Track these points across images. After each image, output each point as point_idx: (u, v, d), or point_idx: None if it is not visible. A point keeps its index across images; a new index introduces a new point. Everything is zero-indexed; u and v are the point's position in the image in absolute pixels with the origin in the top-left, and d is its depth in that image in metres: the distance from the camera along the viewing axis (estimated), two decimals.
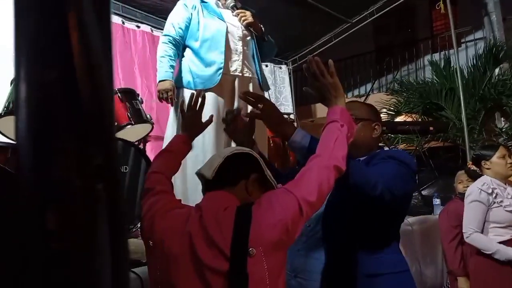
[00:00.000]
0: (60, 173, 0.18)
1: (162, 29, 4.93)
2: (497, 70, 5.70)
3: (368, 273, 1.24)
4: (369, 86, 7.92)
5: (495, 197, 2.25)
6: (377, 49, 8.59)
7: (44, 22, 0.18)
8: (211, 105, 2.18)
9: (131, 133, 2.76)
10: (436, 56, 7.10)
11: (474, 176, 2.57)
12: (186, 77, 2.35)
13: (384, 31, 8.54)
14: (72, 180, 0.18)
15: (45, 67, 0.18)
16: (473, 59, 6.02)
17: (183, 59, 2.42)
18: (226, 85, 2.33)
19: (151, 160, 2.75)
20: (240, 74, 2.38)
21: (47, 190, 0.18)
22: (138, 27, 4.70)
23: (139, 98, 2.84)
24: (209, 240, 0.93)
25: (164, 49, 2.37)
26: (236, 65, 2.37)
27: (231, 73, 2.36)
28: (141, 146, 3.43)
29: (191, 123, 1.40)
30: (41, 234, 0.18)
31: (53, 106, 0.18)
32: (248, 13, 2.37)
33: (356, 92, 8.12)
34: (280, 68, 6.30)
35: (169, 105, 2.40)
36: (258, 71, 2.44)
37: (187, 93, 2.31)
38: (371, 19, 5.66)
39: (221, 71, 2.29)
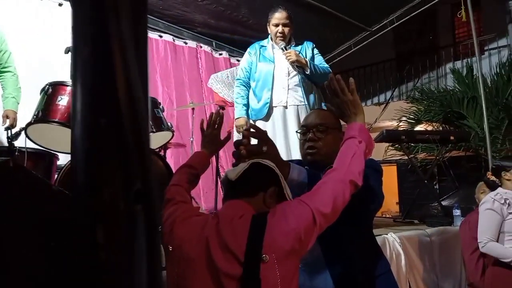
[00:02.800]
0: (108, 198, 0.23)
1: (184, 39, 5.10)
2: None
3: (371, 276, 1.32)
4: (389, 93, 7.86)
5: (508, 207, 2.24)
6: (398, 56, 8.52)
7: (96, 79, 0.23)
8: None
9: (152, 140, 2.84)
10: (458, 64, 7.00)
11: (493, 187, 2.54)
12: (249, 111, 2.97)
13: (405, 38, 8.46)
14: (117, 203, 0.23)
15: (97, 115, 0.23)
16: (496, 67, 5.92)
17: (249, 93, 3.02)
18: (275, 114, 2.88)
19: (171, 167, 2.83)
20: (285, 105, 2.87)
21: (98, 211, 0.23)
22: (161, 36, 4.82)
23: (161, 107, 2.93)
24: (224, 246, 0.97)
25: (238, 92, 3.03)
26: (281, 98, 2.88)
27: (278, 105, 2.88)
28: (161, 152, 3.52)
29: (210, 140, 1.47)
30: (92, 246, 0.23)
31: (102, 146, 0.23)
32: (292, 52, 2.84)
33: (375, 100, 8.07)
34: None
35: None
36: (305, 99, 2.89)
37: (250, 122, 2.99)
38: (391, 27, 5.63)
39: (267, 105, 2.87)
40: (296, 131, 1.56)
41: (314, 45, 3.07)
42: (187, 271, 1.02)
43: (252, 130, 1.25)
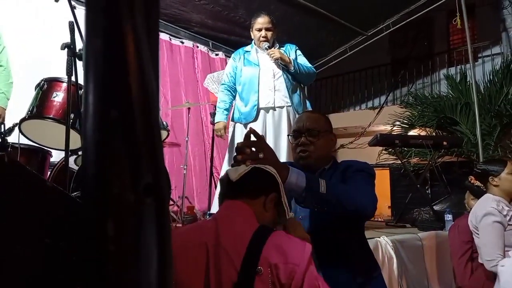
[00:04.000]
0: (118, 191, 0.23)
1: (180, 38, 5.09)
2: None
3: (362, 279, 1.33)
4: (383, 98, 7.91)
5: (510, 219, 2.11)
6: (393, 61, 8.58)
7: (109, 71, 0.23)
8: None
9: None
10: (452, 70, 7.07)
11: (478, 193, 2.43)
12: (236, 114, 3.01)
13: (400, 43, 8.53)
14: (127, 196, 0.23)
15: (109, 106, 0.23)
16: (489, 74, 5.98)
17: (235, 99, 3.08)
18: (266, 118, 2.90)
19: (165, 166, 2.81)
20: (273, 106, 2.89)
21: (108, 204, 0.23)
22: None
23: None
24: (223, 250, 0.97)
25: (221, 97, 3.08)
26: (269, 99, 2.91)
27: (266, 106, 2.90)
28: None
29: None
30: (102, 239, 0.23)
31: (113, 138, 0.23)
32: (276, 50, 2.88)
33: (370, 104, 8.12)
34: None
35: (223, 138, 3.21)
36: (290, 99, 2.90)
37: (237, 126, 3.02)
38: (386, 32, 5.67)
39: (255, 107, 2.88)
40: (288, 135, 1.57)
41: (297, 47, 3.11)
42: (185, 279, 0.99)
43: (251, 136, 1.25)
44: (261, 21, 2.99)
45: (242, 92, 2.97)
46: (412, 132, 6.09)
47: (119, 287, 0.23)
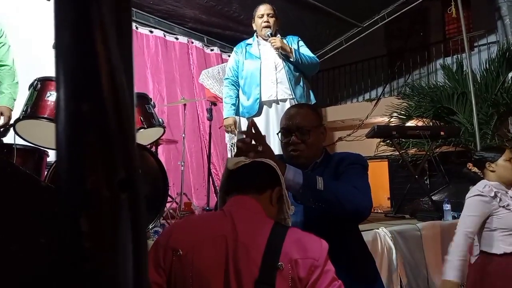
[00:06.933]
0: (92, 186, 0.23)
1: (175, 34, 5.07)
2: (510, 75, 5.62)
3: (358, 275, 1.34)
4: (380, 90, 7.90)
5: (500, 201, 2.12)
6: (389, 53, 8.56)
7: (78, 64, 0.23)
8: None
9: (144, 136, 2.83)
10: (448, 60, 7.05)
11: (474, 179, 2.48)
12: (240, 108, 3.00)
13: (396, 34, 8.51)
14: (101, 191, 0.23)
15: (79, 101, 0.23)
16: (486, 63, 5.96)
17: (238, 93, 3.06)
18: (269, 111, 2.89)
19: (162, 163, 2.82)
20: (275, 99, 2.87)
21: (82, 200, 0.23)
22: (151, 32, 4.78)
23: (152, 103, 2.91)
24: (241, 246, 0.97)
25: (226, 91, 3.04)
26: (271, 92, 2.88)
27: (268, 100, 2.88)
28: (153, 148, 3.50)
29: None
30: (75, 235, 0.23)
31: (86, 133, 0.23)
32: (277, 38, 2.84)
33: (367, 96, 8.11)
34: None
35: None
36: (292, 92, 2.88)
37: (242, 120, 3.02)
38: (382, 23, 5.66)
39: (258, 101, 2.86)
40: (277, 133, 1.53)
41: (299, 38, 3.08)
42: (206, 271, 0.98)
43: (252, 128, 1.25)
44: (263, 8, 2.97)
45: (244, 86, 2.95)
46: (409, 123, 6.09)
47: (97, 283, 0.23)
